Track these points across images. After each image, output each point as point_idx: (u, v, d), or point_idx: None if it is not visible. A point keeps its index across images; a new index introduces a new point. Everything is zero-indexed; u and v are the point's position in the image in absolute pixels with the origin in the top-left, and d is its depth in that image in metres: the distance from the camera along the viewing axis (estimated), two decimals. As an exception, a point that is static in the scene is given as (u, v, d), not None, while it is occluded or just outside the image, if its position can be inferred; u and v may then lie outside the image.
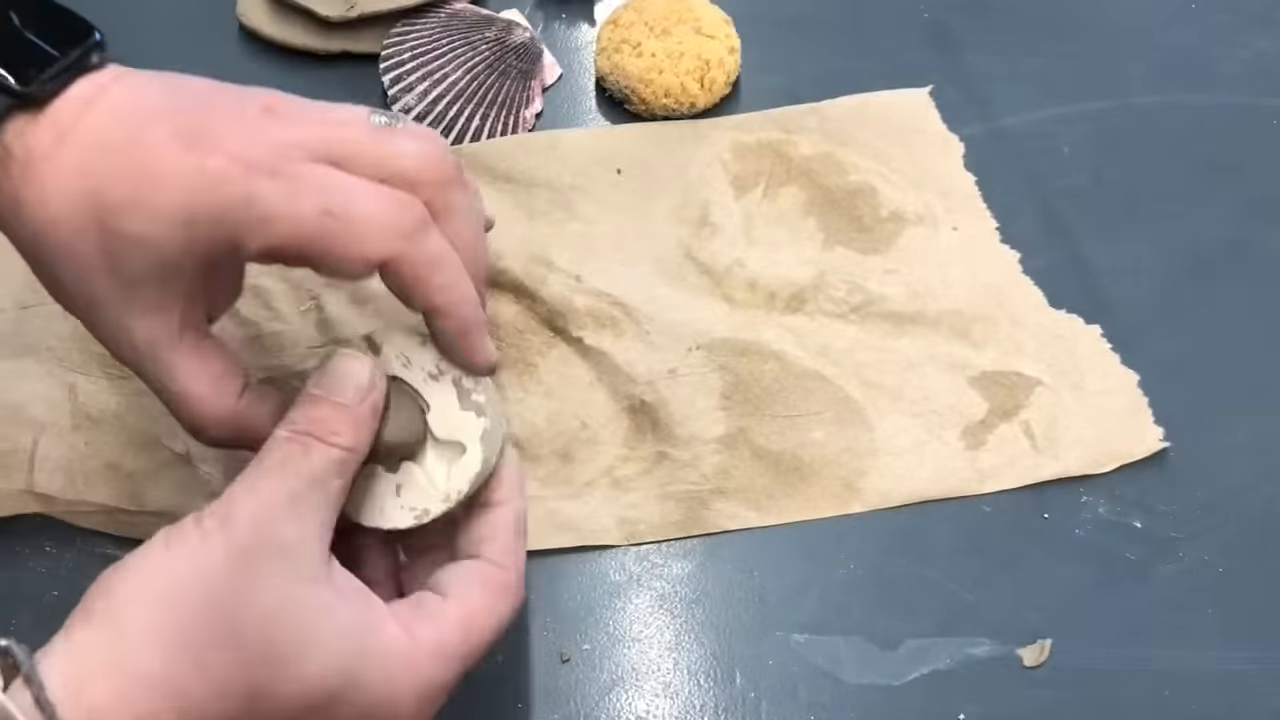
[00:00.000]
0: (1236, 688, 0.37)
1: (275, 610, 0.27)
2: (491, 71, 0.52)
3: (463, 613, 0.31)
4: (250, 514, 0.28)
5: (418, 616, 0.30)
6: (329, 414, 0.30)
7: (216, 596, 0.27)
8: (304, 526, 0.29)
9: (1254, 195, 0.49)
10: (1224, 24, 0.55)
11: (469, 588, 0.31)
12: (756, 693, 0.37)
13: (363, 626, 0.29)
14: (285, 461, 0.29)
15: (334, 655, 0.28)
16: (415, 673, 0.29)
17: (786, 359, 0.43)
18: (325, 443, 0.30)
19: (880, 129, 0.50)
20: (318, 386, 0.31)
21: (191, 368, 0.31)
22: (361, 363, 0.32)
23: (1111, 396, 0.43)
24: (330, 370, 0.31)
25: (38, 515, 0.40)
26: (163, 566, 0.27)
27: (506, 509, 0.33)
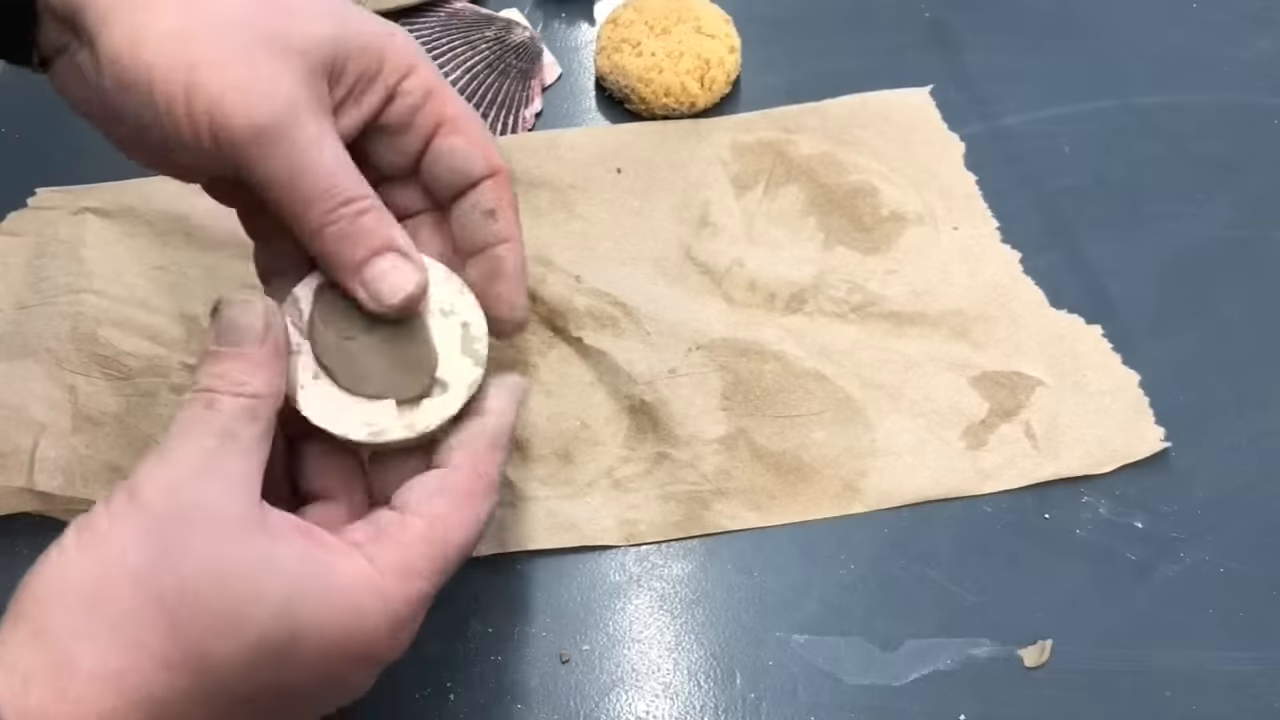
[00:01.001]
0: (1238, 688, 0.37)
1: (202, 572, 0.26)
2: (491, 71, 0.52)
3: (425, 527, 0.29)
4: (161, 481, 0.27)
5: (377, 539, 0.29)
6: (228, 366, 0.29)
7: (138, 574, 0.26)
8: (222, 482, 0.27)
9: (1254, 195, 0.49)
10: (1224, 24, 0.55)
11: (432, 500, 0.30)
12: (756, 693, 0.37)
13: (309, 566, 0.28)
14: (191, 422, 0.28)
15: (278, 603, 0.27)
16: (382, 598, 0.28)
17: (787, 359, 0.43)
18: (230, 394, 0.28)
19: (880, 129, 0.51)
20: (214, 340, 0.30)
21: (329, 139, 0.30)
22: (251, 307, 0.30)
23: (1112, 396, 0.42)
24: (221, 322, 0.30)
25: (37, 515, 0.40)
26: (76, 561, 0.26)
27: (485, 418, 0.32)
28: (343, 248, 0.31)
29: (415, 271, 0.32)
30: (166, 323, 0.44)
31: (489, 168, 0.34)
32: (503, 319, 0.34)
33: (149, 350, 0.43)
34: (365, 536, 0.29)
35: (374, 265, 0.31)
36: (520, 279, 0.35)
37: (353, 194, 0.31)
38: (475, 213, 0.34)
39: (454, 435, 0.32)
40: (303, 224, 0.31)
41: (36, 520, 0.40)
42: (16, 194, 0.49)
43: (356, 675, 0.29)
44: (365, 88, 0.32)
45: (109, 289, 0.45)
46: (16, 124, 0.53)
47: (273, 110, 0.29)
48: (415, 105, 0.33)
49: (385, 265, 0.31)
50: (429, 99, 0.34)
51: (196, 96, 0.29)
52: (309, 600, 0.27)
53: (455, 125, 0.34)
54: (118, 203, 0.48)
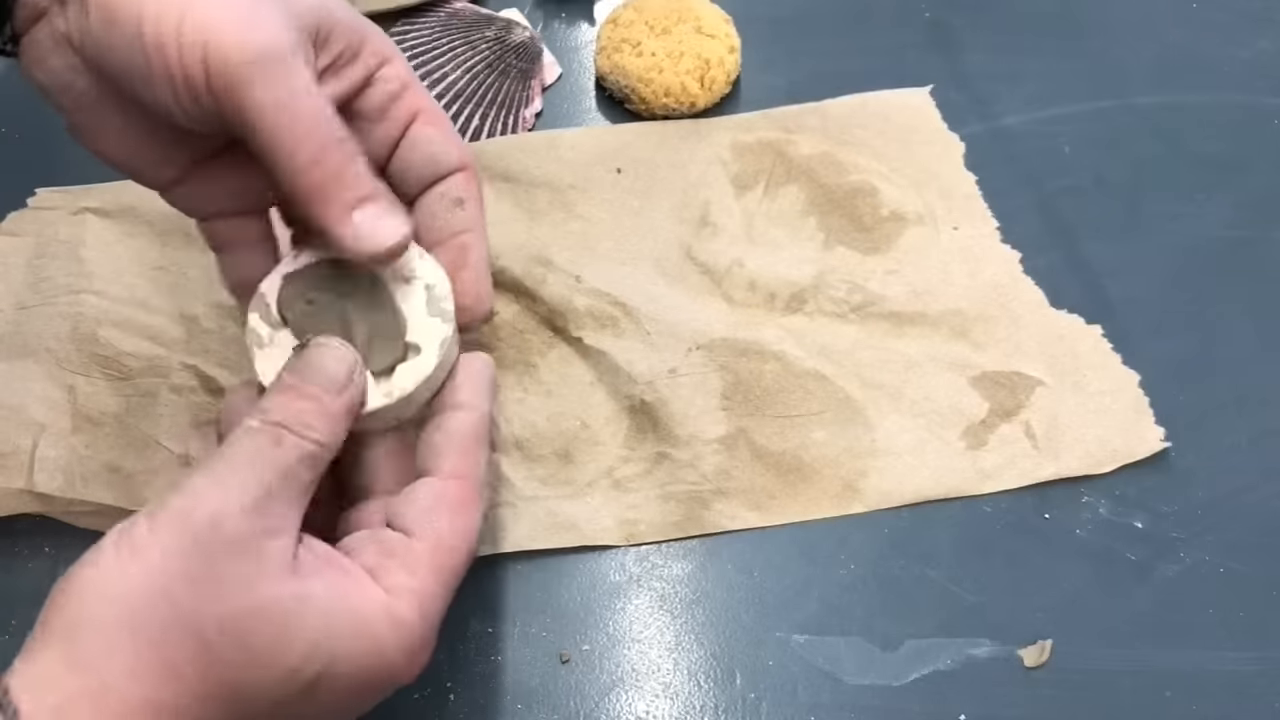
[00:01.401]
0: (1238, 688, 0.37)
1: (245, 610, 0.26)
2: (491, 71, 0.52)
3: (431, 550, 0.30)
4: (213, 508, 0.27)
5: (390, 567, 0.29)
6: (304, 406, 0.29)
7: (179, 603, 0.26)
8: (273, 523, 0.27)
9: (1254, 195, 0.49)
10: (1224, 24, 0.55)
11: (433, 517, 0.30)
12: (756, 693, 0.37)
13: (340, 603, 0.28)
14: (256, 454, 0.28)
15: (312, 641, 0.27)
16: (400, 630, 0.29)
17: (787, 359, 0.43)
18: (298, 435, 0.28)
19: (880, 129, 0.50)
20: (294, 375, 0.30)
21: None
22: (341, 354, 0.30)
23: (1112, 396, 0.42)
24: (308, 360, 0.30)
25: (37, 515, 0.40)
26: (116, 576, 0.26)
27: (465, 414, 0.32)
28: (336, 188, 0.30)
29: (404, 222, 0.32)
30: (166, 323, 0.44)
31: (461, 160, 0.35)
32: (467, 307, 0.34)
33: (149, 350, 0.43)
34: (378, 563, 0.29)
35: (365, 209, 0.31)
36: (485, 270, 0.35)
37: (343, 138, 0.30)
38: (444, 201, 0.35)
39: (438, 433, 0.32)
40: (295, 159, 0.30)
41: (37, 521, 0.41)
42: (16, 194, 0.49)
43: (375, 698, 0.30)
44: (347, 62, 0.33)
45: (109, 289, 0.45)
46: (16, 124, 0.53)
47: (270, 39, 0.29)
48: (393, 94, 0.34)
49: (375, 210, 0.31)
50: (405, 90, 0.34)
51: (190, 26, 0.29)
52: (337, 638, 0.27)
53: (429, 117, 0.34)
54: (118, 203, 0.48)
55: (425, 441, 0.32)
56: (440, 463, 0.31)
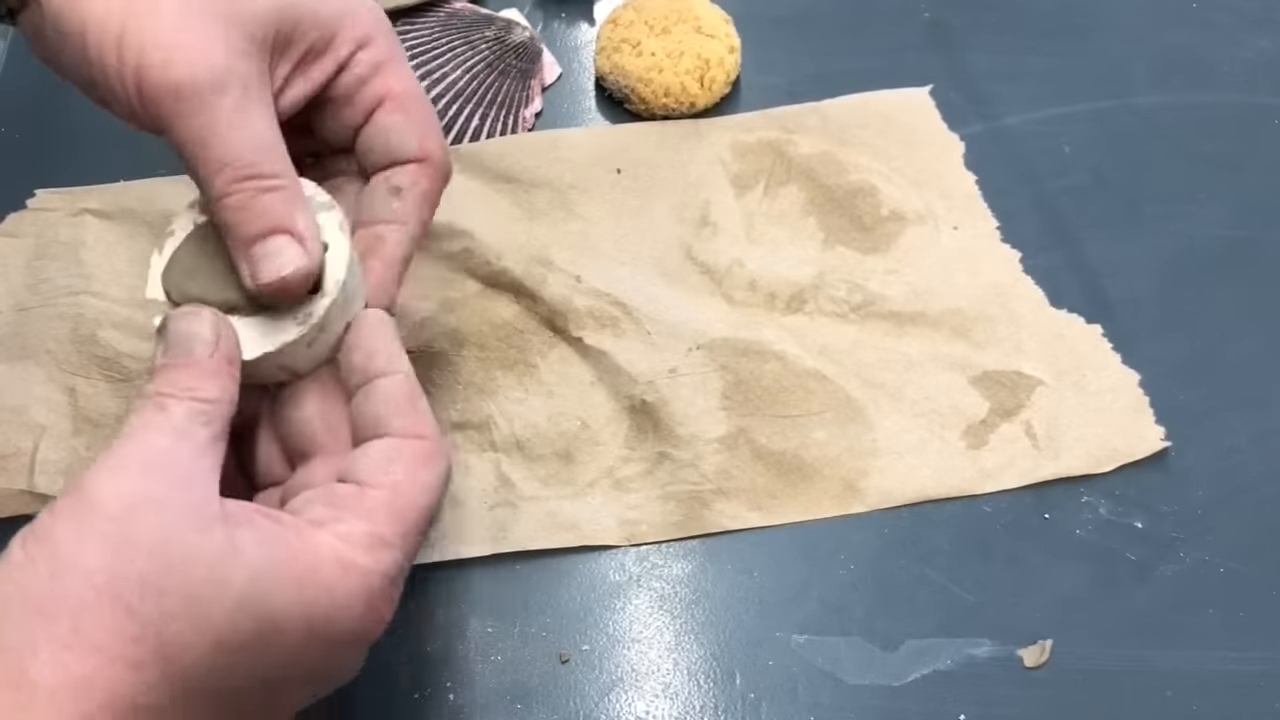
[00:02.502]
0: (1238, 688, 0.37)
1: (163, 564, 0.25)
2: (491, 71, 0.52)
3: (387, 495, 0.29)
4: (110, 480, 0.26)
5: (338, 515, 0.28)
6: (179, 374, 0.28)
7: (93, 575, 0.25)
8: (173, 476, 0.26)
9: (1254, 195, 0.49)
10: (1224, 24, 0.55)
11: (388, 469, 0.29)
12: (756, 693, 0.37)
13: (272, 549, 0.27)
14: (141, 425, 0.27)
15: (241, 589, 0.26)
16: (354, 574, 0.27)
17: (787, 359, 0.43)
18: (182, 399, 0.28)
19: (880, 128, 0.51)
20: (162, 355, 0.29)
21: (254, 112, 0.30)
22: (199, 318, 0.30)
23: (1113, 396, 0.43)
24: (169, 335, 0.30)
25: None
26: (25, 569, 0.25)
27: (395, 378, 0.31)
28: (239, 219, 0.30)
29: (302, 257, 0.30)
30: (167, 323, 0.44)
31: (420, 151, 0.34)
32: (366, 297, 0.33)
33: (149, 352, 0.43)
34: (327, 513, 0.28)
35: (265, 244, 0.30)
36: (397, 267, 0.34)
37: (261, 170, 0.30)
38: (382, 187, 0.34)
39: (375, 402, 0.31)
40: (207, 190, 0.30)
41: (37, 521, 0.40)
42: (16, 195, 0.49)
43: (340, 655, 0.29)
44: (314, 60, 0.32)
45: (109, 290, 0.45)
46: (16, 124, 0.53)
47: (194, 72, 0.29)
48: (362, 78, 0.33)
49: (274, 246, 0.30)
50: (377, 73, 0.33)
51: (126, 47, 0.29)
52: (275, 584, 0.26)
53: (399, 103, 0.34)
54: (117, 204, 0.48)
55: (360, 414, 0.31)
56: (388, 427, 0.30)
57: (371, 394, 0.31)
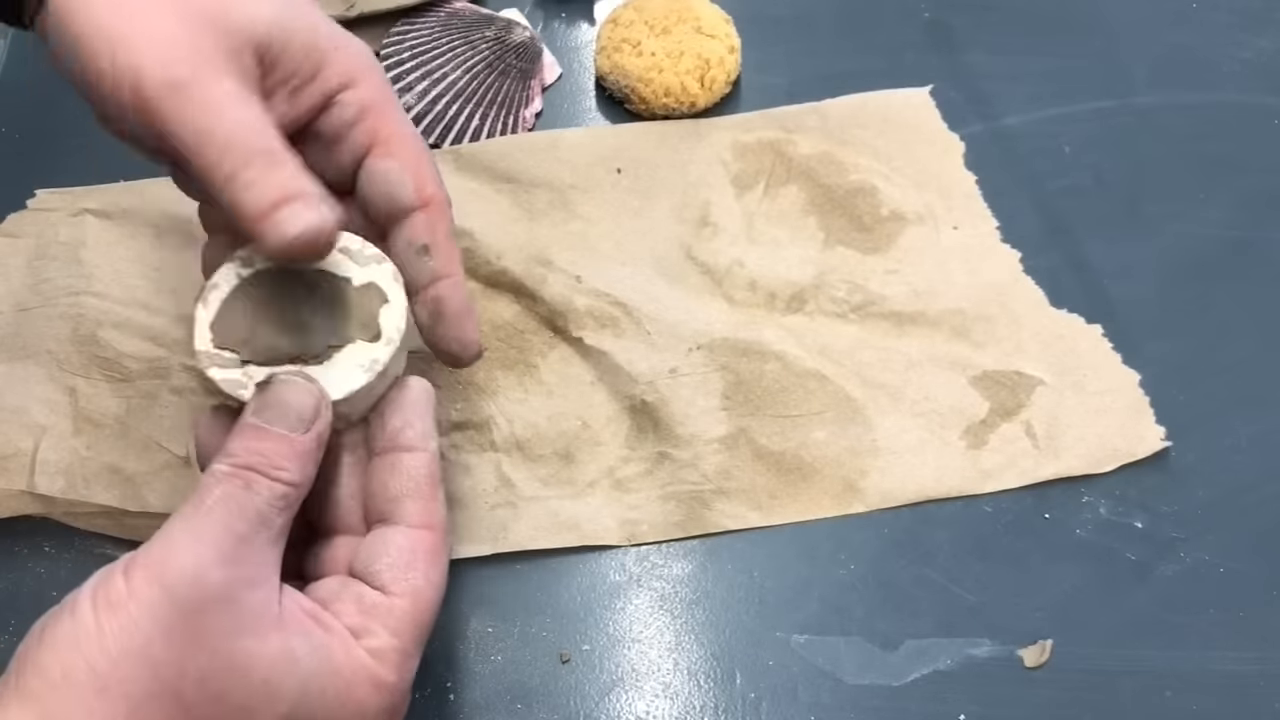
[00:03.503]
0: (1238, 688, 0.37)
1: (225, 667, 0.26)
2: (491, 71, 0.52)
3: (410, 606, 0.30)
4: (188, 565, 0.26)
5: (372, 628, 0.29)
6: (272, 447, 0.28)
7: (157, 662, 0.25)
8: (249, 573, 0.27)
9: (1254, 195, 0.49)
10: (1224, 24, 0.55)
11: (410, 573, 0.30)
12: (756, 693, 0.37)
13: (324, 664, 0.28)
14: (226, 500, 0.27)
15: (293, 703, 0.27)
16: (384, 691, 0.29)
17: (787, 359, 0.43)
18: (269, 478, 0.28)
19: (880, 128, 0.51)
20: (257, 416, 0.29)
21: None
22: (306, 389, 0.30)
23: (1113, 396, 0.43)
24: (272, 398, 0.29)
25: (38, 517, 0.40)
26: (91, 634, 0.25)
27: (417, 456, 0.31)
28: (251, 195, 0.30)
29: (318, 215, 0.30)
30: (167, 324, 0.44)
31: (419, 198, 0.34)
32: (455, 354, 0.34)
33: (150, 352, 0.43)
34: (360, 623, 0.29)
35: (281, 209, 0.30)
36: (466, 314, 0.35)
37: (267, 146, 0.30)
38: (410, 251, 0.34)
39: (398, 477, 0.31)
40: (215, 175, 0.30)
41: (37, 522, 0.41)
42: (16, 195, 0.49)
43: None
44: (300, 86, 0.33)
45: (109, 291, 0.45)
46: (16, 124, 0.53)
47: (192, 67, 0.29)
48: (349, 121, 0.33)
49: (289, 211, 0.30)
50: (365, 115, 0.33)
51: (120, 51, 0.29)
52: (320, 698, 0.27)
53: (389, 147, 0.34)
54: (118, 204, 0.48)
55: (380, 483, 0.31)
56: (404, 511, 0.31)
57: (398, 468, 0.31)
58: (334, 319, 0.32)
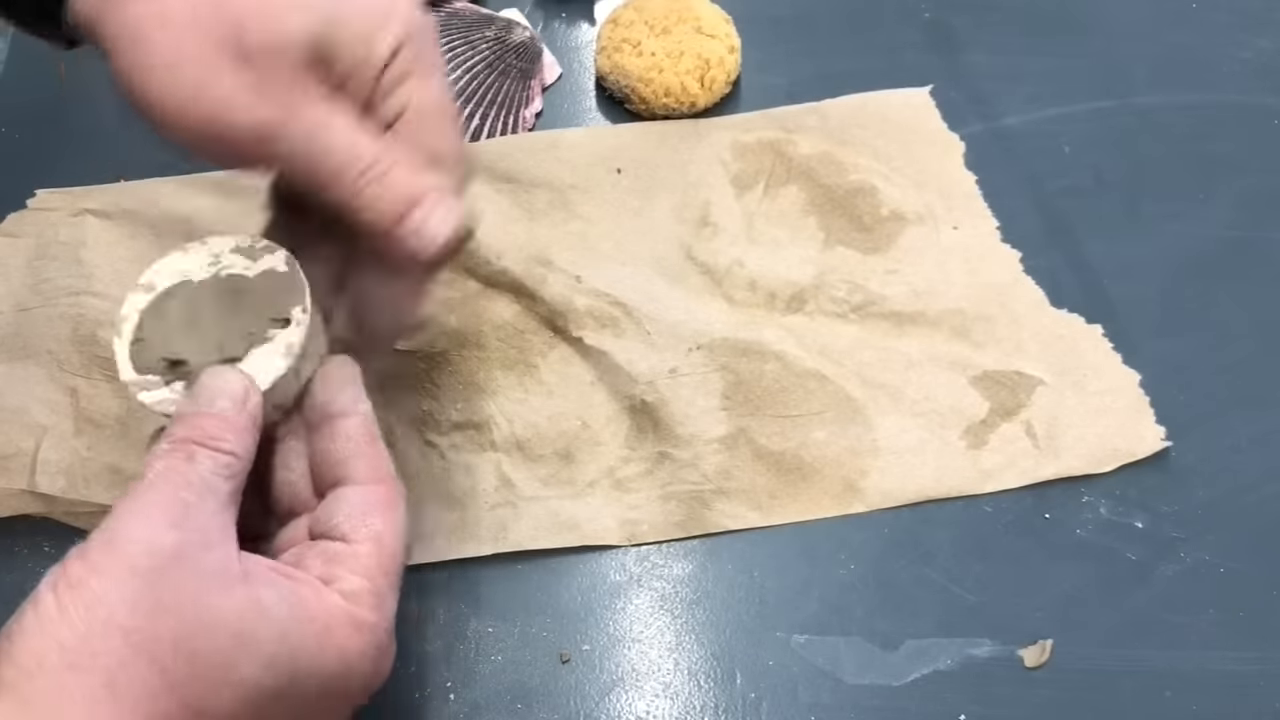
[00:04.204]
0: (1237, 688, 0.37)
1: (194, 625, 0.26)
2: (491, 71, 0.52)
3: (375, 549, 0.30)
4: (140, 534, 0.26)
5: (339, 573, 0.29)
6: (208, 423, 0.29)
7: (127, 630, 0.25)
8: (203, 533, 0.27)
9: (1254, 195, 0.49)
10: (1224, 24, 0.55)
11: (367, 520, 0.30)
12: (756, 693, 0.37)
13: (293, 610, 0.28)
14: (169, 473, 0.28)
15: (269, 649, 0.27)
16: (365, 631, 0.29)
17: (787, 359, 0.43)
18: (209, 448, 0.29)
19: (880, 128, 0.51)
20: (191, 403, 0.30)
21: None
22: (232, 374, 0.31)
23: (1113, 396, 0.43)
24: (200, 388, 0.30)
25: (38, 517, 0.40)
26: (58, 619, 0.25)
27: (351, 420, 0.32)
28: (379, 209, 0.31)
29: (450, 212, 0.32)
30: (167, 323, 0.44)
31: None
32: None
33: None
34: (326, 570, 0.29)
35: (409, 219, 0.32)
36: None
37: (370, 159, 0.31)
38: None
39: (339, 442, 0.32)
40: (335, 200, 0.31)
41: (37, 522, 0.41)
42: (16, 194, 0.49)
43: (347, 706, 0.30)
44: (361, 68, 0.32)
45: (109, 291, 0.45)
46: (16, 124, 0.53)
47: (267, 112, 0.30)
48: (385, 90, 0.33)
49: (419, 216, 0.32)
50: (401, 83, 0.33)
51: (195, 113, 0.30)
52: (300, 642, 0.27)
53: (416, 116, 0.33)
54: (118, 204, 0.48)
55: (322, 453, 0.32)
56: (351, 471, 0.32)
57: (336, 434, 0.32)
58: (243, 317, 0.32)
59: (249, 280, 0.33)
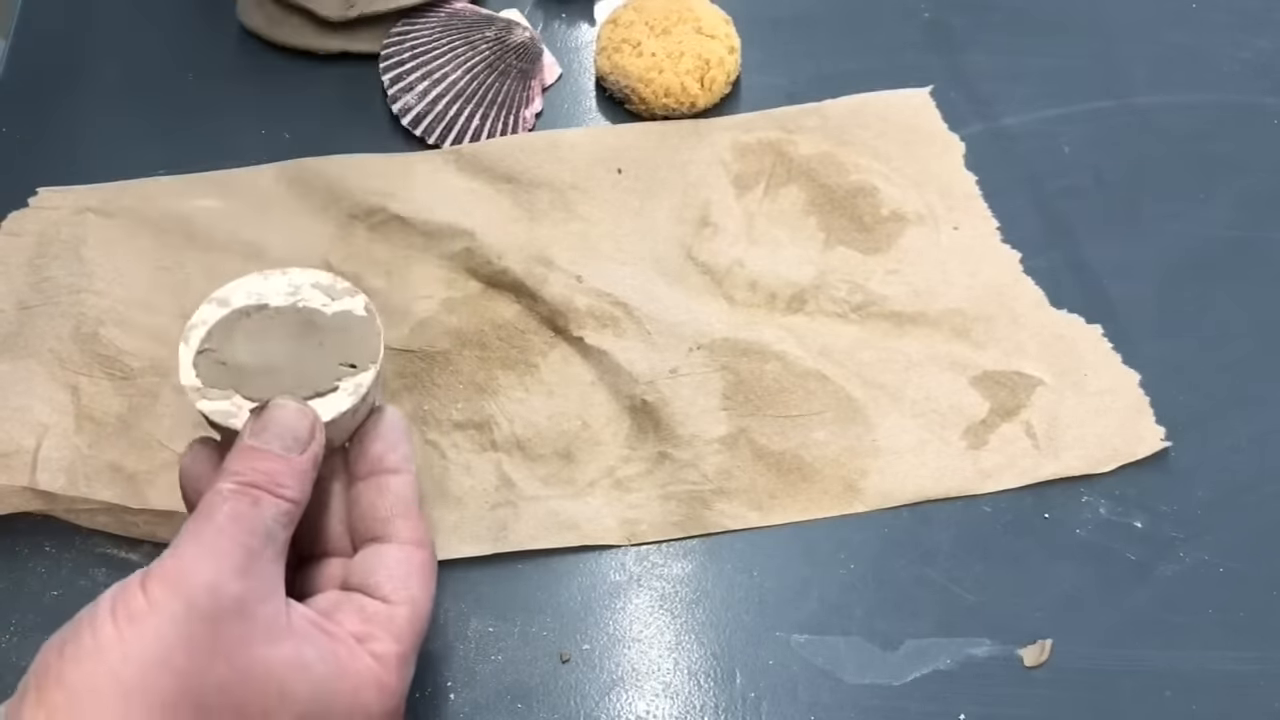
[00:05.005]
0: (1237, 688, 0.37)
1: (242, 674, 0.27)
2: (491, 71, 0.52)
3: (409, 614, 0.31)
4: (205, 578, 0.27)
5: (375, 634, 0.30)
6: (273, 466, 0.30)
7: (180, 672, 0.26)
8: (262, 582, 0.28)
9: (1254, 195, 0.49)
10: (1224, 24, 0.55)
11: (407, 584, 0.31)
12: (756, 693, 0.37)
13: (334, 668, 0.29)
14: (236, 517, 0.28)
15: (303, 707, 0.28)
16: (387, 694, 0.30)
17: (788, 359, 0.43)
18: (273, 495, 0.29)
19: (881, 129, 0.51)
20: (256, 438, 0.30)
21: None
22: (301, 412, 0.31)
23: (1113, 396, 0.43)
24: (269, 421, 0.31)
25: (38, 515, 0.40)
26: (114, 646, 0.26)
27: (401, 479, 0.33)
28: None
29: None
30: (168, 323, 0.44)
31: None
32: None
33: (151, 350, 0.43)
34: (364, 630, 0.30)
35: None
36: None
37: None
38: None
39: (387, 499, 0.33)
40: None
41: (38, 521, 0.41)
42: (17, 194, 0.49)
43: None
44: None
45: (111, 289, 0.45)
46: (17, 124, 0.53)
47: None
48: None
49: None
50: None
51: None
52: (331, 700, 0.28)
53: None
54: (119, 203, 0.48)
55: (369, 505, 0.33)
56: (395, 530, 0.32)
57: (385, 490, 0.33)
58: (313, 352, 0.33)
59: (324, 317, 0.34)
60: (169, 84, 0.53)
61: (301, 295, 0.34)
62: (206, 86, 0.53)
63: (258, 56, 0.54)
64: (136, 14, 0.57)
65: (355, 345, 0.33)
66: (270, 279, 0.34)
